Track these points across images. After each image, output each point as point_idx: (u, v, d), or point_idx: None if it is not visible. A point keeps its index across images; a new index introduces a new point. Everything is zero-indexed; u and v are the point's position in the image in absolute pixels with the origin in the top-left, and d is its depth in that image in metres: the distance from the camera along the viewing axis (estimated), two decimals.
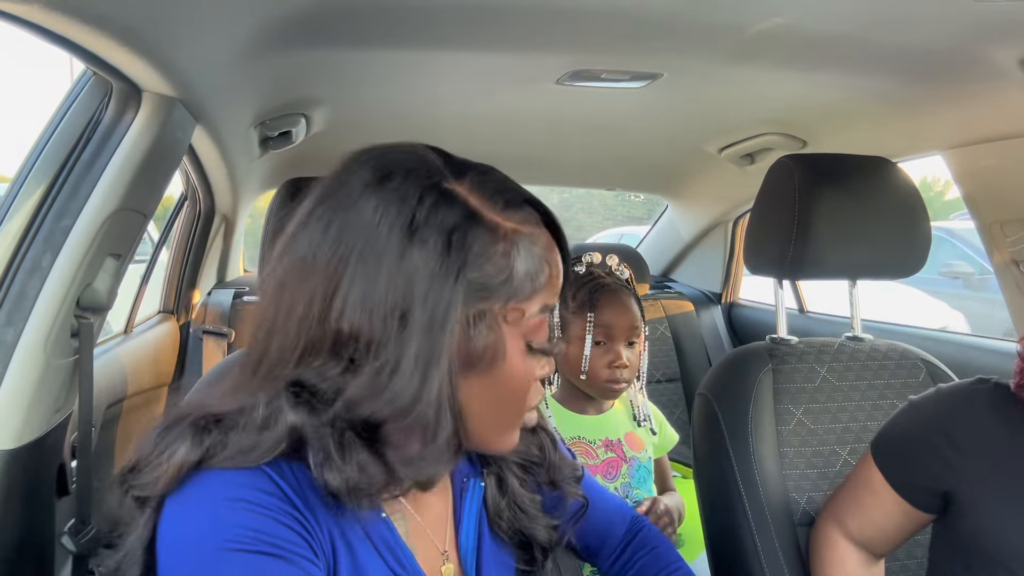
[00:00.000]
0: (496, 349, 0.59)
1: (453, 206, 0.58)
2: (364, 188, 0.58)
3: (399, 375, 0.55)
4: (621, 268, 1.39)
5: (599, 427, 1.36)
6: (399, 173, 0.58)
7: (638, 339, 1.33)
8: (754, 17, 1.08)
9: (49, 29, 0.78)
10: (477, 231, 0.58)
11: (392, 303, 0.55)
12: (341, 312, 0.55)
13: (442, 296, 0.55)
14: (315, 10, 1.06)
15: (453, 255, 0.56)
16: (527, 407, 0.65)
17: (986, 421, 0.86)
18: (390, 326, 0.55)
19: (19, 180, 0.97)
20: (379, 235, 0.56)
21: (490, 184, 0.62)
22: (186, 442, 0.57)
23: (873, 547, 0.99)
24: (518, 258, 0.59)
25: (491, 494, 0.75)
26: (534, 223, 0.62)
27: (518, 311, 0.60)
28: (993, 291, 4.18)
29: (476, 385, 0.60)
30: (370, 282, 0.55)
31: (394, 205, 0.57)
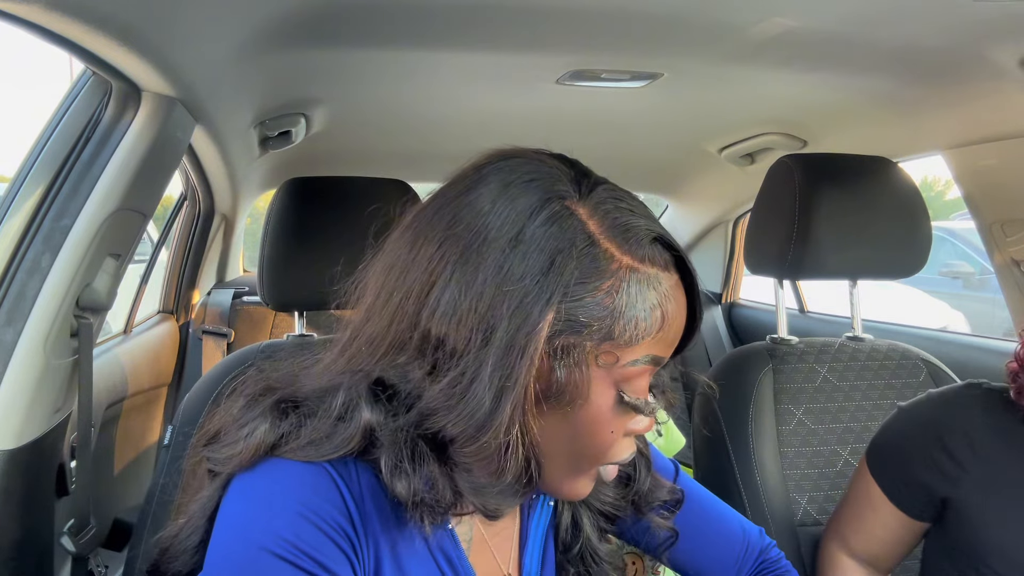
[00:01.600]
0: (579, 388, 0.54)
1: (567, 226, 0.53)
2: (484, 190, 0.55)
3: (473, 392, 0.52)
4: None
5: None
6: (521, 181, 0.55)
7: None
8: (754, 17, 1.08)
9: (49, 29, 0.78)
10: (585, 258, 0.53)
11: (480, 314, 0.52)
12: (432, 312, 0.53)
13: (529, 319, 0.51)
14: (315, 10, 1.05)
15: (552, 278, 0.52)
16: (607, 460, 0.60)
17: (979, 426, 0.86)
18: (475, 338, 0.52)
19: (19, 180, 0.97)
20: (484, 242, 0.53)
21: (617, 212, 0.56)
22: (265, 423, 0.56)
23: (878, 563, 0.98)
24: (626, 298, 0.54)
25: (563, 528, 0.71)
26: (660, 265, 0.56)
27: (612, 355, 0.54)
28: (993, 291, 4.18)
29: (552, 421, 0.56)
30: (464, 288, 0.53)
31: (506, 213, 0.54)
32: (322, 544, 0.53)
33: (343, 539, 0.55)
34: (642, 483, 0.73)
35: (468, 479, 0.55)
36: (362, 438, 0.55)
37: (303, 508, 0.54)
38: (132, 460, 1.65)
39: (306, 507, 0.54)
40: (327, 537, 0.54)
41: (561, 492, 0.61)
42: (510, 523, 0.69)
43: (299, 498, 0.54)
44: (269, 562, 0.52)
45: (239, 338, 2.12)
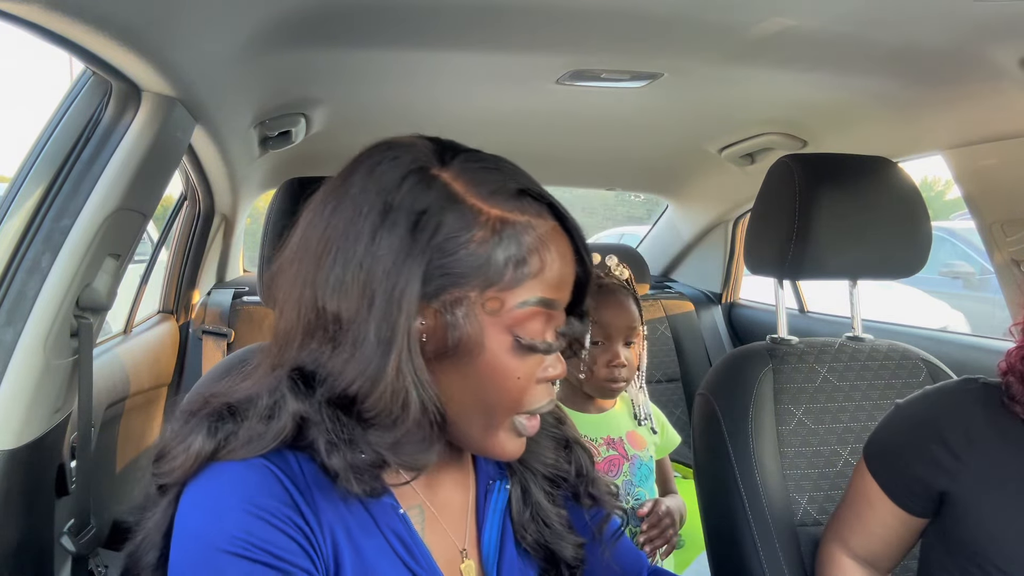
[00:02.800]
0: (473, 338, 0.59)
1: (431, 190, 0.58)
2: (356, 176, 0.60)
3: (363, 351, 0.56)
4: (620, 268, 1.39)
5: (600, 425, 1.36)
6: (387, 159, 0.60)
7: (636, 339, 1.34)
8: (754, 17, 1.08)
9: (49, 29, 0.78)
10: (451, 215, 0.58)
11: (362, 283, 0.57)
12: (326, 292, 0.58)
13: (401, 276, 0.56)
14: (315, 10, 1.05)
15: (417, 237, 0.57)
16: (520, 408, 0.63)
17: (977, 422, 0.86)
18: (361, 305, 0.57)
19: (19, 180, 0.97)
20: (358, 218, 0.58)
21: (480, 170, 0.61)
22: (202, 432, 0.59)
23: (879, 563, 0.98)
24: (499, 246, 0.58)
25: (516, 503, 0.73)
26: (531, 213, 0.61)
27: (497, 300, 0.59)
28: (993, 291, 4.17)
29: (456, 375, 0.60)
30: (346, 263, 0.57)
31: (376, 189, 0.59)
32: (274, 537, 0.56)
33: (295, 531, 0.57)
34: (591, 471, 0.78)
35: (379, 435, 0.58)
36: (293, 426, 0.58)
37: (249, 506, 0.56)
38: (132, 460, 1.65)
39: (252, 505, 0.56)
40: (278, 530, 0.56)
41: (487, 449, 0.65)
42: (462, 505, 0.71)
43: (244, 497, 0.56)
44: (227, 561, 0.54)
45: (239, 338, 2.12)
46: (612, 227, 7.00)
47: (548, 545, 0.73)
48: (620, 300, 1.32)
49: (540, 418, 0.68)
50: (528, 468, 0.74)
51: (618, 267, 1.39)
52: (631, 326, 1.32)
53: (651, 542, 1.27)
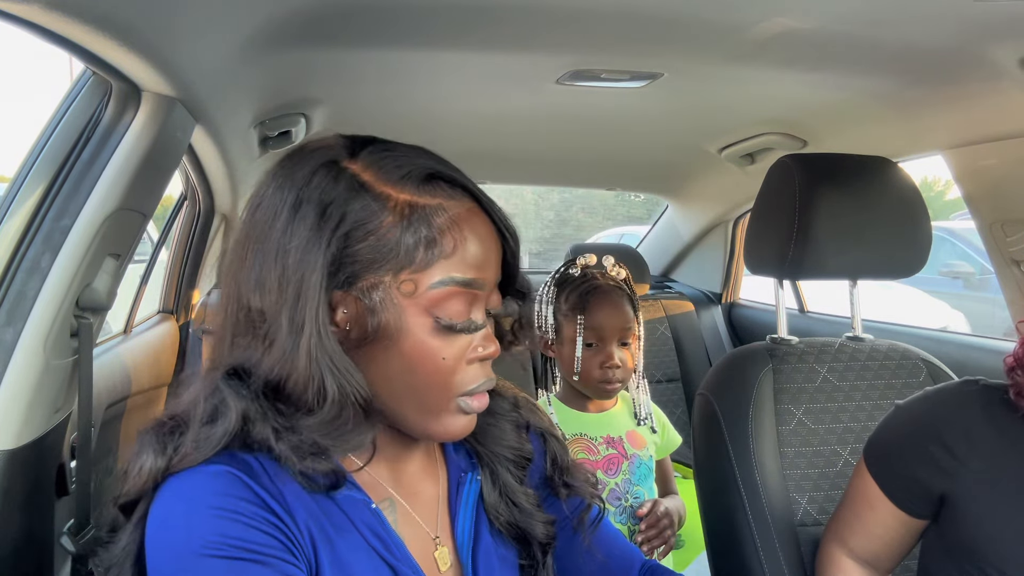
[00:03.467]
0: (392, 323, 0.60)
1: (338, 181, 0.60)
2: (270, 179, 0.63)
3: (279, 340, 0.58)
4: (617, 269, 1.39)
5: (600, 424, 1.37)
6: (298, 159, 0.63)
7: (631, 339, 1.34)
8: (754, 17, 1.08)
9: (49, 29, 0.78)
10: (358, 204, 0.59)
11: (277, 276, 0.59)
12: (249, 289, 0.60)
13: (308, 265, 0.58)
14: (315, 10, 1.05)
15: (324, 226, 0.58)
16: (453, 390, 0.63)
17: (977, 423, 0.86)
18: (278, 297, 0.59)
19: (18, 180, 0.97)
20: (273, 216, 0.60)
21: (389, 159, 0.62)
22: (151, 450, 0.59)
23: (878, 564, 0.98)
24: (408, 229, 0.60)
25: (487, 487, 0.74)
26: (442, 196, 0.62)
27: (411, 283, 0.60)
28: (994, 291, 4.18)
29: (384, 360, 0.61)
30: (264, 259, 0.60)
31: (287, 186, 0.61)
32: (250, 535, 0.56)
33: (271, 527, 0.57)
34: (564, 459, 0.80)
35: (308, 419, 0.59)
36: (239, 423, 0.59)
37: (218, 510, 0.56)
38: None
39: (221, 508, 0.56)
40: (253, 528, 0.56)
41: (430, 431, 0.65)
42: (433, 495, 0.72)
43: (210, 503, 0.57)
44: (207, 564, 0.54)
45: None
46: (612, 227, 7.00)
47: (519, 524, 0.74)
48: (613, 301, 1.32)
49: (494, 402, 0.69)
50: (492, 452, 0.75)
51: (614, 267, 1.39)
52: (625, 327, 1.32)
53: (649, 542, 1.27)
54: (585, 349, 1.31)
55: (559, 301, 1.37)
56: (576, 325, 1.31)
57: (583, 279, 1.36)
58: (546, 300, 1.40)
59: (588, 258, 1.40)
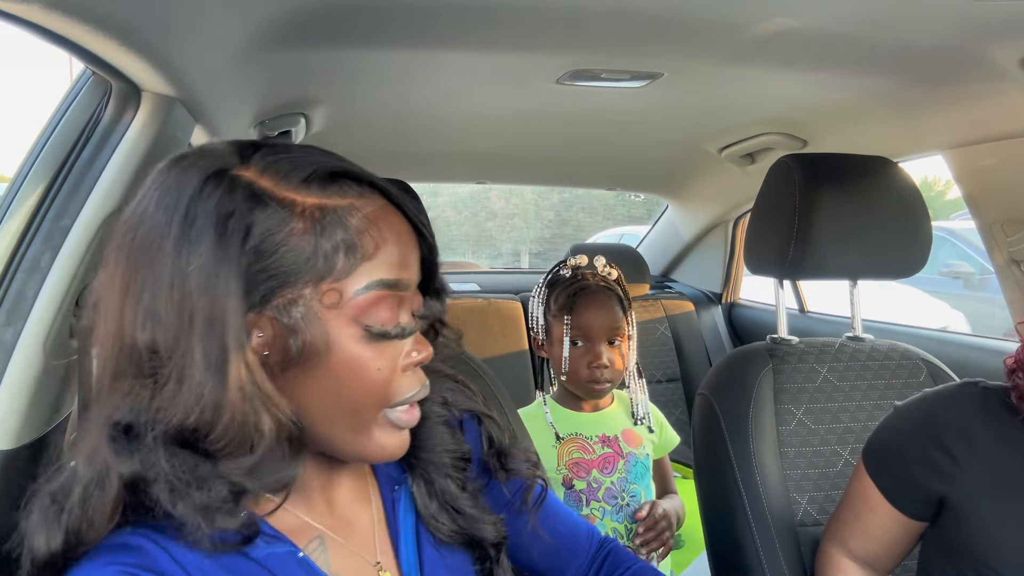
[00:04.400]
0: (318, 339, 0.54)
1: (234, 191, 0.53)
2: (149, 194, 0.55)
3: (192, 379, 0.51)
4: (608, 269, 1.39)
5: (596, 423, 1.37)
6: (180, 171, 0.54)
7: (621, 339, 1.34)
8: (754, 17, 1.08)
9: (49, 29, 0.78)
10: (262, 213, 0.53)
11: (176, 305, 0.51)
12: (135, 325, 0.52)
13: (218, 289, 0.51)
14: (315, 10, 1.05)
15: (228, 243, 0.52)
16: (388, 401, 0.59)
17: (976, 425, 0.85)
18: (180, 329, 0.51)
19: (18, 180, 0.97)
20: (159, 238, 0.52)
21: (285, 161, 0.56)
22: (41, 534, 0.52)
23: (878, 565, 0.98)
24: (322, 234, 0.54)
25: (420, 499, 0.69)
26: (351, 195, 0.56)
27: (334, 293, 0.54)
28: (994, 291, 4.18)
29: (311, 382, 0.55)
30: (155, 288, 0.52)
31: (172, 203, 0.53)
32: None
33: None
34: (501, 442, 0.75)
35: (233, 464, 0.53)
36: (122, 491, 0.52)
37: None
38: None
39: None
40: None
41: (365, 452, 0.60)
42: (368, 521, 0.67)
43: None
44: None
45: None
46: (612, 227, 7.00)
47: (466, 530, 0.70)
48: (601, 301, 1.33)
49: (424, 406, 0.64)
50: (425, 461, 0.70)
51: (605, 267, 1.40)
52: (614, 327, 1.32)
53: (647, 544, 1.27)
54: (573, 349, 1.32)
55: (549, 301, 1.38)
56: (564, 325, 1.32)
57: (572, 279, 1.37)
58: (538, 300, 1.40)
59: (579, 259, 1.40)
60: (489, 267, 5.30)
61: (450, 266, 3.81)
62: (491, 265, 6.90)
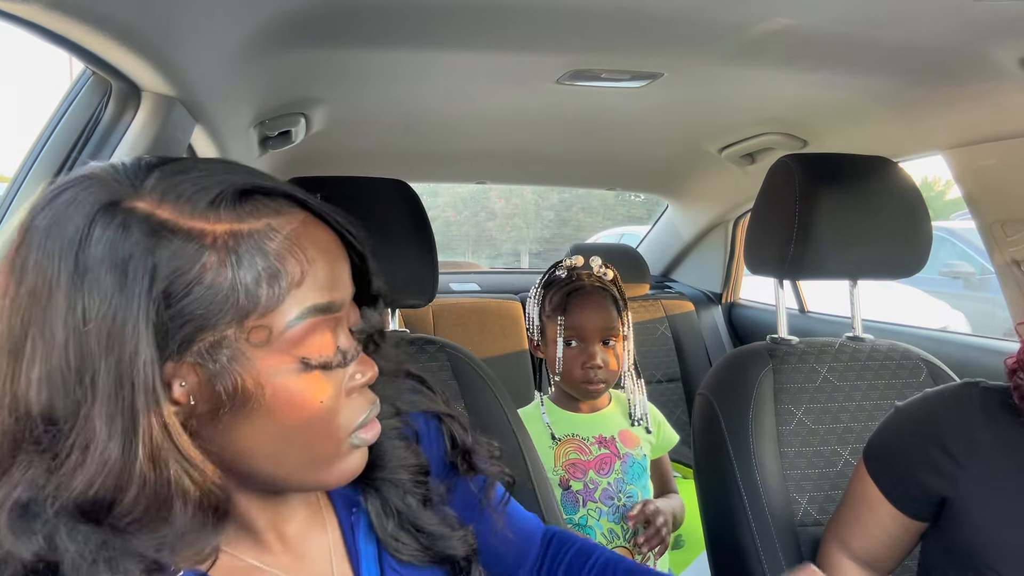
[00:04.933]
0: (248, 381, 0.48)
1: (130, 228, 0.46)
2: (31, 239, 0.47)
3: (97, 448, 0.44)
4: (604, 269, 1.39)
5: (593, 424, 1.37)
6: (62, 207, 0.47)
7: (616, 340, 1.34)
8: (754, 17, 1.08)
9: (49, 29, 0.78)
10: (166, 251, 0.46)
11: (74, 367, 0.45)
12: (27, 391, 0.45)
13: (125, 344, 0.45)
14: (315, 10, 1.05)
15: (133, 289, 0.45)
16: (340, 432, 0.53)
17: (976, 425, 0.85)
18: (79, 393, 0.45)
19: (18, 180, 0.97)
20: (48, 291, 0.45)
21: (186, 183, 0.48)
22: None
23: (878, 565, 0.98)
24: (240, 265, 0.47)
25: (376, 520, 0.64)
26: (268, 214, 0.50)
27: (262, 329, 0.48)
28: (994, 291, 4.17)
29: (249, 427, 0.50)
30: (48, 349, 0.45)
31: (59, 250, 0.45)
32: None
33: None
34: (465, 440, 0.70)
35: (146, 539, 0.47)
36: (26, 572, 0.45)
37: None
38: None
39: None
40: None
41: (328, 482, 0.55)
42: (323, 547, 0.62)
43: None
44: None
45: None
46: (612, 227, 7.00)
47: (431, 549, 0.66)
48: (596, 301, 1.33)
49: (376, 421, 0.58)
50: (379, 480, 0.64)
51: (601, 268, 1.40)
52: (608, 327, 1.32)
53: (648, 542, 1.27)
54: (567, 349, 1.32)
55: (544, 302, 1.38)
56: (558, 325, 1.32)
57: (568, 280, 1.37)
58: (534, 301, 1.40)
59: (575, 259, 1.40)
60: (489, 267, 5.30)
61: (450, 266, 3.82)
62: (491, 265, 6.91)
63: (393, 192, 1.22)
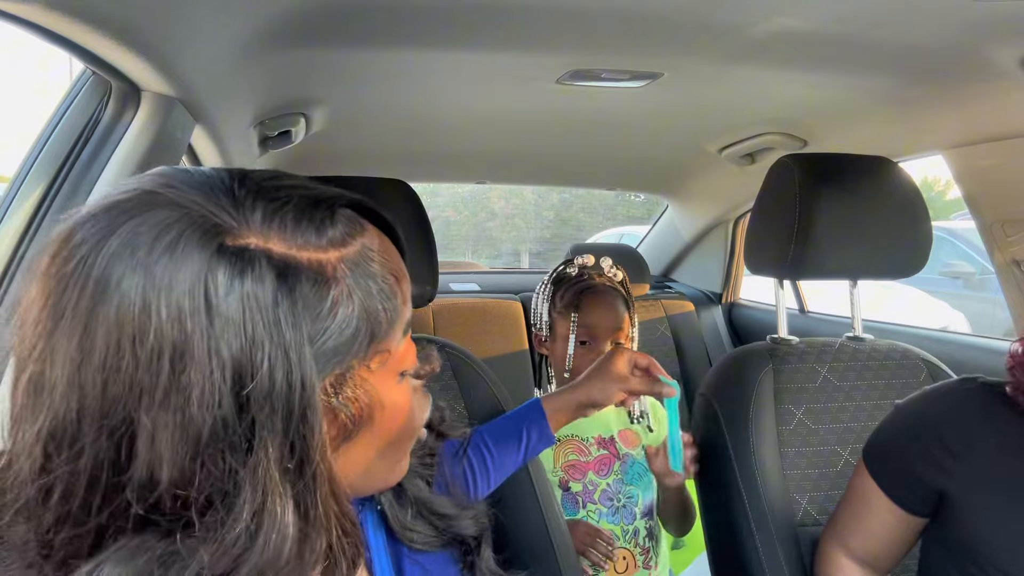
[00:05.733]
0: (370, 404, 0.48)
1: (255, 269, 0.40)
2: (121, 290, 0.38)
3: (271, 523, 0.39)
4: (614, 271, 1.40)
5: (592, 425, 1.37)
6: (161, 248, 0.39)
7: (624, 340, 1.34)
8: (754, 17, 1.08)
9: (49, 29, 0.78)
10: (299, 289, 0.42)
11: (229, 429, 0.39)
12: (150, 461, 0.38)
13: (291, 395, 0.40)
14: (315, 10, 1.05)
15: (289, 336, 0.40)
16: (418, 429, 0.56)
17: (975, 421, 0.86)
18: (235, 462, 0.39)
19: (18, 180, 0.97)
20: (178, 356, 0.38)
21: (290, 209, 0.44)
22: None
23: (878, 564, 0.98)
24: (357, 292, 0.45)
25: (391, 513, 0.64)
26: (358, 232, 0.47)
27: (383, 354, 0.47)
28: (994, 291, 4.17)
29: (359, 447, 0.49)
30: (181, 410, 0.38)
31: (174, 303, 0.38)
32: None
33: None
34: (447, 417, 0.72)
35: None
36: None
37: None
38: None
39: None
40: None
41: (394, 481, 0.57)
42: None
43: None
44: None
45: None
46: (612, 227, 7.01)
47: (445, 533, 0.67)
48: (608, 301, 1.33)
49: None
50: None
51: (612, 268, 1.40)
52: (618, 326, 1.33)
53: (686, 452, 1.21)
54: (578, 347, 1.32)
55: (555, 298, 1.38)
56: (570, 323, 1.32)
57: (579, 278, 1.37)
58: (542, 297, 1.40)
59: (586, 258, 1.41)
60: (489, 267, 5.30)
61: (450, 266, 3.81)
62: (491, 265, 6.91)
63: (393, 192, 1.22)
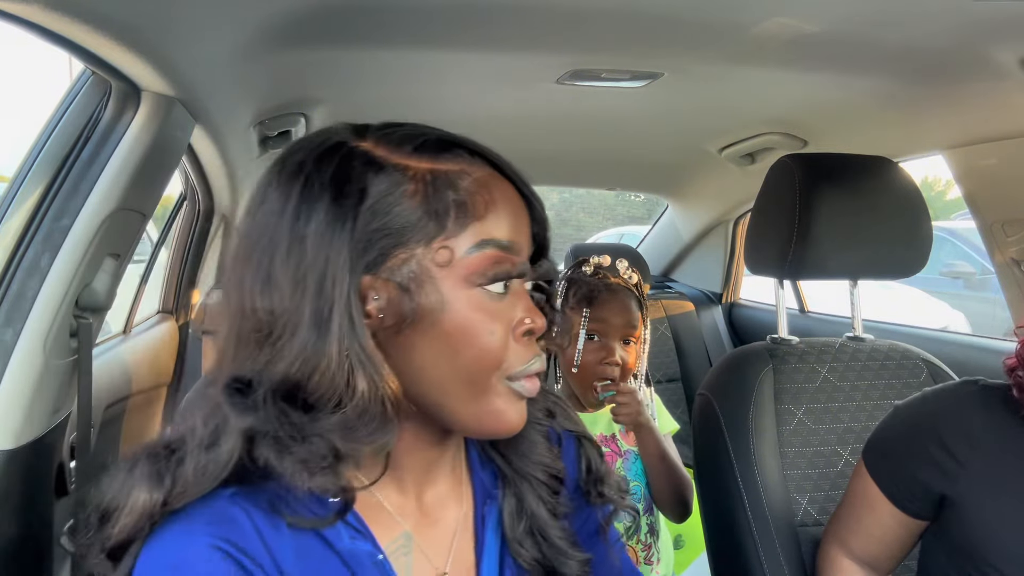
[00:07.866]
0: (431, 298, 0.55)
1: (350, 161, 0.56)
2: (270, 174, 0.58)
3: (298, 335, 0.53)
4: (630, 273, 1.41)
5: (593, 422, 1.37)
6: (302, 148, 0.58)
7: (635, 339, 1.34)
8: (754, 17, 1.08)
9: (49, 29, 0.78)
10: (376, 177, 0.55)
11: (293, 268, 0.54)
12: (255, 291, 0.55)
13: (331, 249, 0.53)
14: (315, 10, 1.05)
15: (344, 203, 0.54)
16: (505, 369, 0.58)
17: (976, 423, 0.86)
18: (293, 291, 0.53)
19: (18, 180, 0.97)
20: (280, 206, 0.55)
21: (398, 133, 0.60)
22: (146, 483, 0.54)
23: (878, 564, 0.98)
24: (434, 195, 0.56)
25: (508, 517, 0.67)
26: (464, 162, 0.59)
27: (447, 250, 0.55)
28: (994, 291, 4.17)
29: (426, 345, 0.56)
30: (274, 254, 0.54)
31: (292, 175, 0.56)
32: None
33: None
34: (600, 467, 0.73)
35: (327, 420, 0.53)
36: (243, 445, 0.54)
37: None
38: None
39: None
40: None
41: (485, 422, 0.59)
42: (451, 521, 0.66)
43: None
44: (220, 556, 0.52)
45: None
46: (612, 227, 7.01)
47: (548, 563, 0.67)
48: (623, 300, 1.34)
49: (528, 412, 0.62)
50: (522, 475, 0.68)
51: (627, 271, 1.41)
52: (630, 324, 1.33)
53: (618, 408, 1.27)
54: (588, 343, 1.33)
55: (568, 295, 1.39)
56: (582, 318, 1.33)
57: (595, 276, 1.38)
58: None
59: (602, 258, 1.42)
60: None
61: None
62: None
63: None
